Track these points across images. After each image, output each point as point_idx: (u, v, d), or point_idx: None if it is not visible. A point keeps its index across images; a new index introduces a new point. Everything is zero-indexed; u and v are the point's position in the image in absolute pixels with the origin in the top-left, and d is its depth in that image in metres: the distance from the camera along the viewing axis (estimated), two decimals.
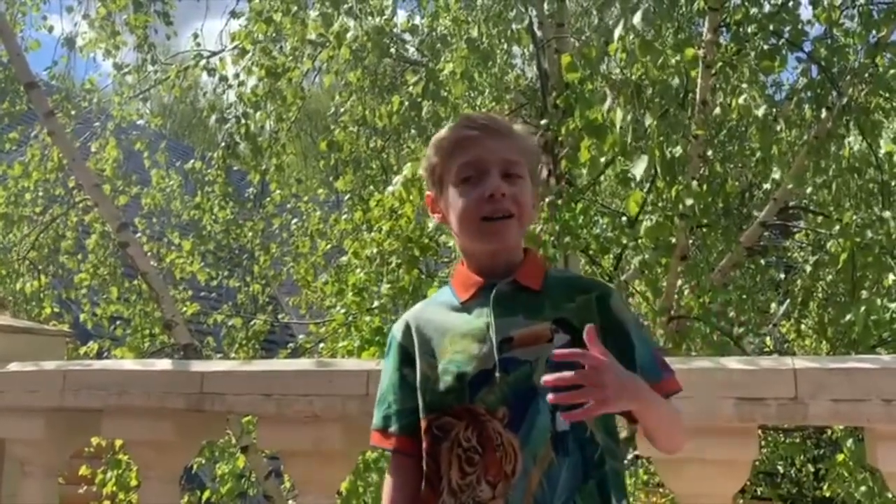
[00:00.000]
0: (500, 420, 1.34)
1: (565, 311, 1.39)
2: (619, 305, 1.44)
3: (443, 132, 1.51)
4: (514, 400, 1.34)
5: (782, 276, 6.10)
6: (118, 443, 4.07)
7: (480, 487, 1.33)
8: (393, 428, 1.47)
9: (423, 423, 1.41)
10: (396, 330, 1.51)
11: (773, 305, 5.68)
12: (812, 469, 6.14)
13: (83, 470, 4.14)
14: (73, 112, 5.28)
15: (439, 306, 1.49)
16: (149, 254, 5.01)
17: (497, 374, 1.35)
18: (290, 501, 4.10)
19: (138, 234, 5.08)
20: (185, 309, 5.14)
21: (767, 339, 6.03)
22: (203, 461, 4.67)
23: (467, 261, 1.48)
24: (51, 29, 5.15)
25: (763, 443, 5.78)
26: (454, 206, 1.43)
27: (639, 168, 2.32)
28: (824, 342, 4.71)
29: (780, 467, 6.44)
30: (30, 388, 2.50)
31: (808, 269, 4.85)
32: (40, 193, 5.44)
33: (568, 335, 1.37)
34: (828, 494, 5.14)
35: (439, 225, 3.53)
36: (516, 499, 1.31)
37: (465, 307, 1.44)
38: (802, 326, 5.46)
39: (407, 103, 3.43)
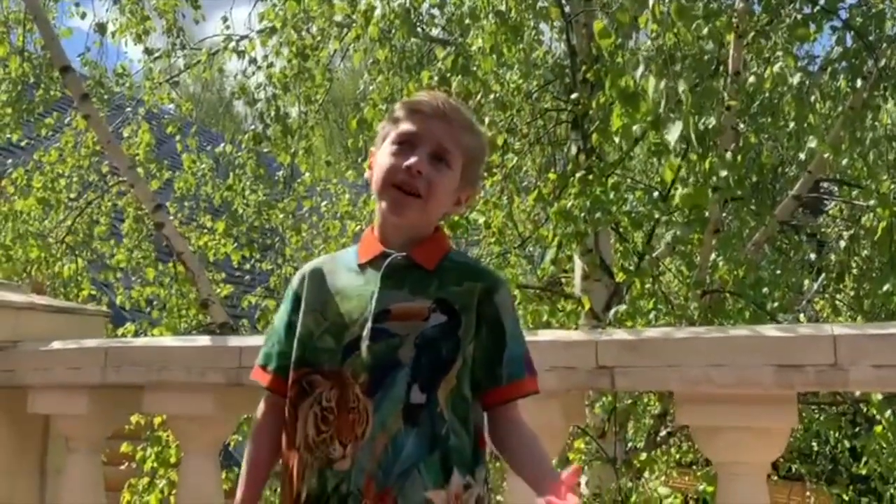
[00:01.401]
0: (360, 385, 1.39)
1: (449, 293, 1.45)
2: (504, 300, 1.49)
3: (409, 98, 1.60)
4: (376, 368, 1.40)
5: (813, 255, 6.02)
6: (157, 420, 4.15)
7: (333, 446, 1.39)
8: (272, 366, 1.53)
9: (292, 375, 1.47)
10: (295, 278, 1.58)
11: (807, 283, 5.61)
12: (847, 446, 6.07)
13: (124, 447, 4.23)
14: (105, 97, 5.35)
15: (340, 265, 1.54)
16: (183, 237, 5.06)
17: (365, 343, 1.41)
18: None
19: (171, 218, 5.15)
20: (219, 290, 5.21)
21: (801, 315, 5.96)
22: (240, 438, 4.74)
23: (377, 226, 1.53)
24: (83, 15, 5.22)
25: (798, 420, 5.72)
26: (379, 164, 1.49)
27: (673, 133, 2.30)
28: (860, 317, 4.65)
29: (815, 445, 6.38)
30: (73, 365, 2.56)
31: (843, 244, 4.79)
32: (75, 179, 5.53)
33: (445, 316, 1.43)
34: (864, 472, 5.08)
35: (469, 203, 3.53)
36: (363, 460, 1.37)
37: (360, 269, 1.49)
38: (837, 303, 5.39)
39: (437, 79, 3.43)
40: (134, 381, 2.45)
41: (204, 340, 2.58)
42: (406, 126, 1.48)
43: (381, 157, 1.50)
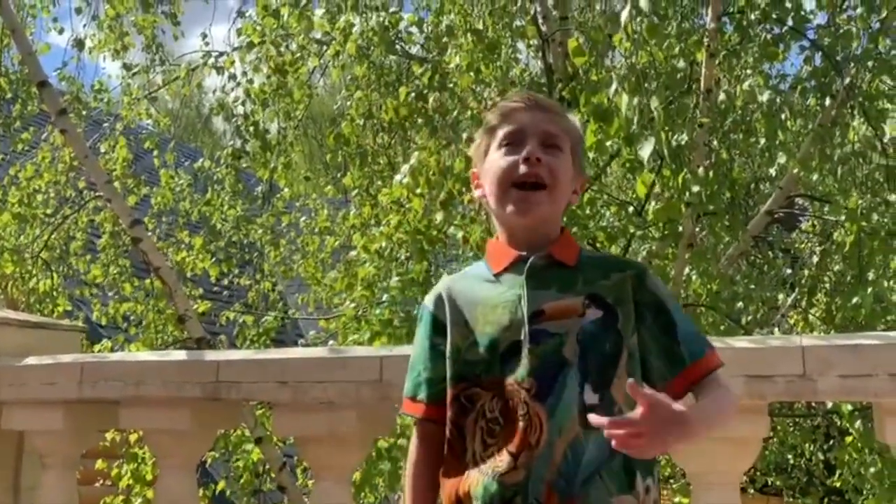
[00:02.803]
0: (527, 391, 1.33)
1: (599, 287, 1.40)
2: (656, 283, 1.46)
3: (499, 105, 1.55)
4: (543, 372, 1.34)
5: (789, 270, 6.11)
6: (133, 437, 4.12)
7: (501, 457, 1.33)
8: (421, 395, 1.48)
9: (450, 393, 1.42)
10: (429, 301, 1.52)
11: (781, 297, 5.69)
12: (822, 458, 6.15)
13: (99, 464, 4.19)
14: (83, 112, 5.33)
15: (472, 279, 1.50)
16: (160, 252, 5.05)
17: (526, 346, 1.35)
18: (305, 498, 4.14)
19: (149, 234, 5.13)
20: (196, 306, 5.19)
21: (776, 330, 6.03)
22: (217, 455, 4.71)
23: (503, 234, 1.49)
24: (61, 31, 5.21)
25: (773, 433, 5.79)
26: (491, 170, 1.46)
27: (646, 150, 2.35)
28: (833, 330, 4.72)
29: (790, 458, 6.45)
30: (47, 380, 2.54)
31: (816, 258, 4.87)
32: (52, 194, 5.49)
33: (600, 310, 1.38)
34: (839, 485, 5.15)
35: (447, 217, 3.56)
36: (540, 469, 1.30)
37: (497, 279, 1.44)
38: (810, 317, 5.47)
39: (413, 94, 3.46)
40: (110, 396, 2.43)
41: (180, 355, 2.57)
42: (508, 127, 1.46)
43: (491, 162, 1.46)
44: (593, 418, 1.21)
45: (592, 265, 1.44)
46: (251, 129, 4.61)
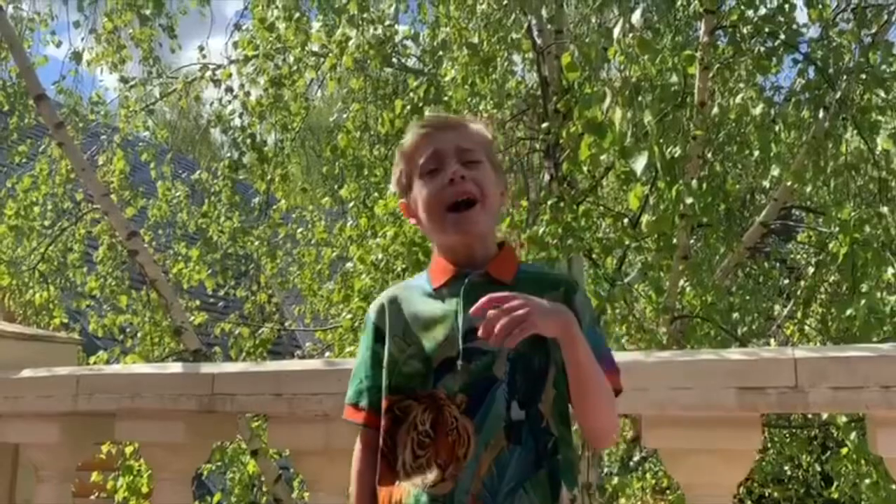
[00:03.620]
0: (457, 406, 1.38)
1: None
2: (582, 301, 1.50)
3: (403, 140, 1.58)
4: (473, 388, 1.38)
5: (786, 280, 6.13)
6: (129, 450, 4.11)
7: (430, 469, 1.37)
8: (363, 403, 1.52)
9: (384, 403, 1.46)
10: (371, 310, 1.56)
11: (777, 308, 5.71)
12: (819, 469, 6.15)
13: (95, 476, 4.18)
14: (80, 125, 5.35)
15: (413, 291, 1.53)
16: (157, 264, 5.05)
17: (459, 363, 1.40)
18: None
19: (145, 246, 5.13)
20: (192, 318, 5.19)
21: (772, 341, 6.05)
22: (213, 468, 4.70)
23: (443, 253, 1.52)
24: (59, 44, 5.23)
25: (770, 444, 5.79)
26: (420, 199, 1.49)
27: (639, 164, 2.37)
28: (829, 341, 4.73)
29: (787, 469, 6.44)
30: (43, 393, 2.54)
31: (811, 269, 4.88)
32: (49, 206, 5.50)
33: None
34: (836, 496, 5.14)
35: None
36: (465, 482, 1.34)
37: (437, 294, 1.48)
38: (806, 328, 5.49)
39: (409, 107, 3.49)
40: (106, 408, 2.44)
41: (176, 367, 2.58)
42: (424, 153, 1.49)
43: (418, 191, 1.49)
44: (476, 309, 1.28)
45: (529, 282, 1.47)
46: (248, 141, 4.63)
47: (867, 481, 3.45)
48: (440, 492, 1.35)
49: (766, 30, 3.25)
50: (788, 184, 3.65)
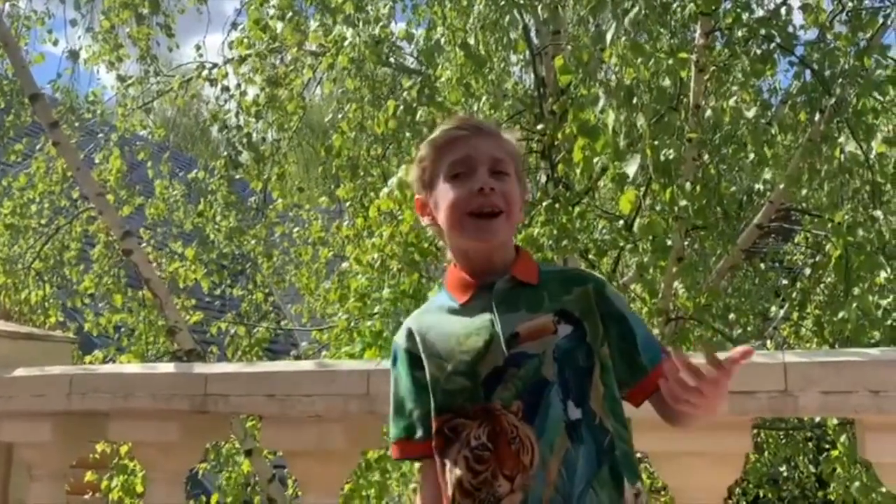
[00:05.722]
0: (514, 413, 1.35)
1: (565, 302, 1.42)
2: (615, 294, 1.48)
3: (433, 134, 1.54)
4: (527, 393, 1.35)
5: (784, 281, 6.13)
6: (123, 449, 4.12)
7: (497, 482, 1.33)
8: (419, 434, 1.46)
9: (434, 424, 1.42)
10: (399, 337, 1.52)
11: (773, 309, 5.71)
12: (813, 471, 6.15)
13: (89, 476, 4.18)
14: (76, 124, 5.35)
15: (438, 311, 1.49)
16: (153, 263, 5.06)
17: (509, 370, 1.36)
18: None
19: (142, 245, 5.14)
20: (188, 318, 5.19)
21: (769, 342, 6.05)
22: (207, 467, 4.70)
23: (461, 262, 1.48)
24: (55, 42, 5.23)
25: (765, 446, 5.80)
26: (444, 202, 1.45)
27: (631, 167, 2.37)
28: (824, 344, 4.74)
29: (782, 470, 6.45)
30: (36, 392, 2.54)
31: (807, 271, 4.89)
32: (45, 205, 5.50)
33: (570, 325, 1.40)
34: (832, 497, 5.15)
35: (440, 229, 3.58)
36: (537, 489, 1.32)
37: (464, 309, 1.45)
38: (802, 330, 5.49)
39: (402, 107, 3.48)
40: (99, 408, 2.44)
41: (169, 368, 2.59)
42: (453, 156, 1.45)
43: (443, 194, 1.45)
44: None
45: (554, 281, 1.46)
46: (244, 140, 4.63)
47: (857, 484, 3.46)
48: (511, 503, 1.32)
49: (762, 33, 3.25)
50: (783, 186, 3.66)
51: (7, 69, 4.87)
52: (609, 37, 2.46)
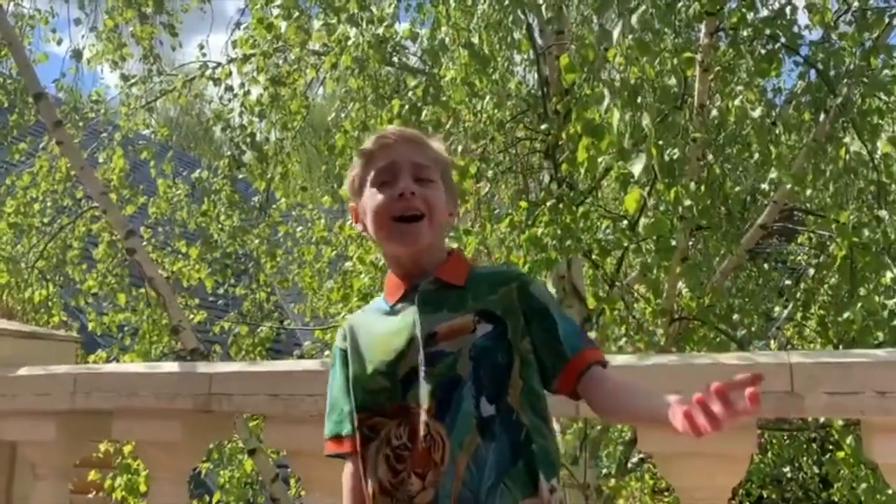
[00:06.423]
0: (427, 412, 1.38)
1: (488, 302, 1.45)
2: (540, 290, 1.51)
3: (363, 145, 1.60)
4: (440, 391, 1.39)
5: (787, 281, 6.11)
6: (127, 448, 4.12)
7: (410, 481, 1.37)
8: (346, 430, 1.50)
9: (356, 421, 1.47)
10: (338, 337, 1.58)
11: (777, 309, 5.70)
12: (817, 472, 6.14)
13: (92, 475, 4.19)
14: (80, 123, 5.35)
15: (373, 313, 1.56)
16: (156, 262, 5.06)
17: (423, 369, 1.41)
18: None
19: (145, 244, 5.14)
20: (191, 317, 5.19)
21: (772, 342, 6.04)
22: (211, 466, 4.70)
23: (392, 266, 1.54)
24: (59, 41, 5.24)
25: (768, 446, 5.78)
26: (370, 209, 1.50)
27: (637, 167, 2.36)
28: (828, 344, 4.73)
29: (786, 471, 6.44)
30: (41, 391, 2.55)
31: (811, 271, 4.87)
32: (48, 204, 5.51)
33: (490, 324, 1.43)
34: (836, 498, 5.13)
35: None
36: (446, 486, 1.35)
37: (393, 310, 1.50)
38: (806, 330, 5.48)
39: (407, 107, 3.48)
40: (103, 407, 2.44)
41: (173, 367, 2.58)
42: (379, 163, 1.51)
43: (369, 200, 1.51)
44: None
45: (481, 282, 1.49)
46: (248, 140, 4.63)
47: (863, 486, 3.45)
48: (422, 501, 1.35)
49: (767, 32, 3.24)
50: (788, 186, 3.65)
51: (11, 68, 4.88)
52: (616, 35, 2.45)
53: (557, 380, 1.44)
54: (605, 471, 4.81)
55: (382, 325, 1.50)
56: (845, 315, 3.07)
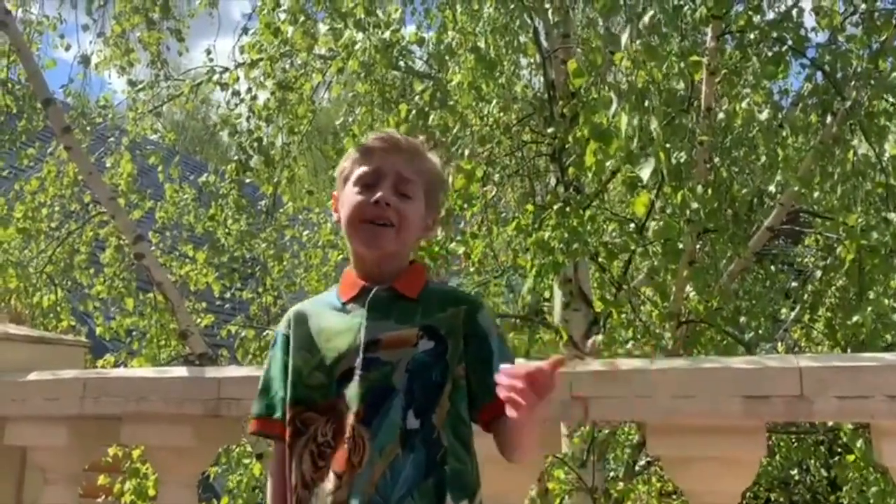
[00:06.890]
0: (355, 415, 1.41)
1: (435, 319, 1.48)
2: (486, 319, 1.53)
3: (363, 140, 1.64)
4: (371, 397, 1.42)
5: (794, 283, 6.09)
6: (136, 453, 4.13)
7: (328, 478, 1.40)
8: (278, 414, 1.52)
9: (288, 414, 1.49)
10: (281, 325, 1.60)
11: (784, 311, 5.68)
12: (825, 475, 6.12)
13: (101, 479, 4.20)
14: (88, 128, 5.37)
15: (322, 305, 1.57)
16: (163, 266, 5.07)
17: (358, 372, 1.43)
18: None
19: (153, 248, 5.15)
20: (199, 320, 5.21)
21: (780, 345, 6.02)
22: (219, 470, 4.71)
23: (355, 263, 1.57)
24: (67, 47, 5.27)
25: (776, 449, 5.76)
26: (346, 205, 1.54)
27: (645, 171, 2.37)
28: (836, 347, 4.71)
29: (794, 474, 6.41)
30: (50, 396, 2.56)
31: (819, 273, 4.86)
32: (56, 208, 5.53)
33: (432, 341, 1.46)
34: (844, 502, 5.11)
35: (448, 233, 3.59)
36: (360, 488, 1.37)
37: (344, 308, 1.53)
38: (813, 332, 5.46)
39: (414, 111, 3.50)
40: (112, 412, 2.45)
41: (182, 372, 2.59)
42: (365, 166, 1.54)
43: (347, 197, 1.54)
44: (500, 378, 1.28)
45: (434, 298, 1.53)
46: (255, 144, 4.65)
47: (874, 489, 3.44)
48: (337, 499, 1.38)
49: (774, 35, 3.24)
50: (795, 189, 3.64)
51: (20, 74, 4.90)
52: (624, 39, 2.45)
53: (479, 411, 1.47)
54: (612, 474, 4.80)
55: (330, 320, 1.52)
56: (854, 318, 3.06)
